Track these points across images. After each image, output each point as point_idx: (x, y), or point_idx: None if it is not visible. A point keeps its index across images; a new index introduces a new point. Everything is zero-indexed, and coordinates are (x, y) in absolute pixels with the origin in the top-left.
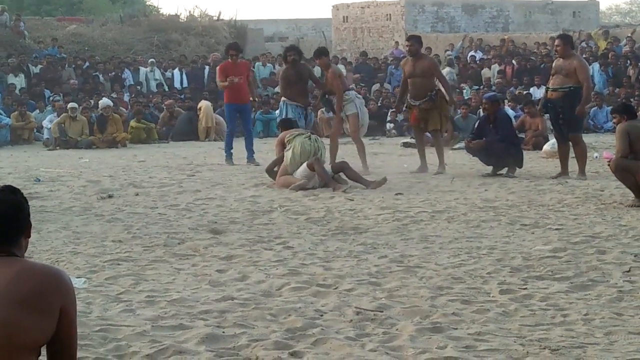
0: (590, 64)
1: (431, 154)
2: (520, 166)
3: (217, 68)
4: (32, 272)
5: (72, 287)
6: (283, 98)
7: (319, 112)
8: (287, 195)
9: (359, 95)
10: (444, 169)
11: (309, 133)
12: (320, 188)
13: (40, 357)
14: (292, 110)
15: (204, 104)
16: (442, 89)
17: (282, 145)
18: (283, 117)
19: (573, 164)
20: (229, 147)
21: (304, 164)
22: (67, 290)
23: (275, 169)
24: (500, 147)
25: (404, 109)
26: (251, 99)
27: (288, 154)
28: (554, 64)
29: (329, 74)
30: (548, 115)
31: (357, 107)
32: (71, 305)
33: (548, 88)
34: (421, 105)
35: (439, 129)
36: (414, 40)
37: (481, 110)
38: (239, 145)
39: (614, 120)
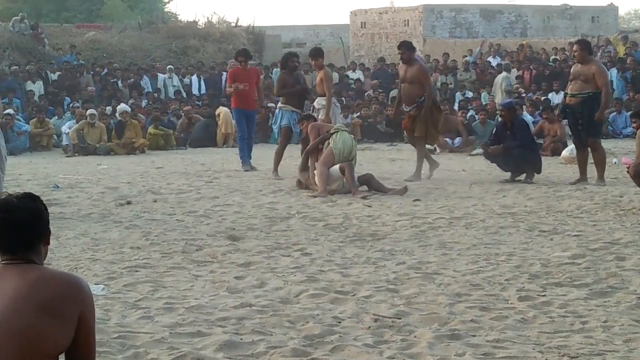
0: (609, 69)
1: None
2: (539, 172)
3: (227, 74)
4: (50, 280)
5: (90, 294)
6: (279, 104)
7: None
8: (305, 202)
9: (337, 104)
10: (418, 178)
11: (346, 129)
12: (341, 194)
13: None
14: (288, 116)
15: (222, 110)
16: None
17: (318, 133)
18: (279, 123)
19: (592, 170)
20: (243, 152)
21: (336, 166)
22: (86, 298)
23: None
24: (518, 153)
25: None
26: (259, 105)
27: (338, 145)
28: (572, 70)
29: (322, 74)
30: (566, 120)
31: (333, 114)
32: (90, 313)
33: (567, 94)
34: (410, 112)
35: (424, 137)
36: (405, 48)
37: (498, 116)
38: (258, 151)
39: (634, 125)
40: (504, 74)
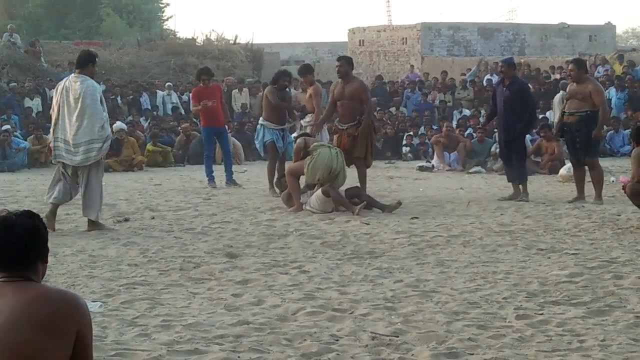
0: (606, 88)
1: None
2: (522, 182)
3: (191, 94)
4: (48, 297)
5: (88, 311)
6: (260, 121)
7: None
8: (302, 219)
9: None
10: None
11: (333, 146)
12: (335, 212)
13: None
14: (270, 133)
15: None
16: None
17: (300, 154)
18: (261, 139)
19: (590, 189)
20: (209, 169)
21: (319, 191)
22: (83, 315)
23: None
24: (511, 156)
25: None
26: (227, 121)
27: (308, 161)
28: (568, 89)
29: (311, 90)
30: (564, 139)
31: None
32: (87, 330)
33: (564, 112)
34: (348, 130)
35: (364, 158)
36: (344, 61)
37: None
38: (255, 168)
39: (632, 145)
40: (561, 93)
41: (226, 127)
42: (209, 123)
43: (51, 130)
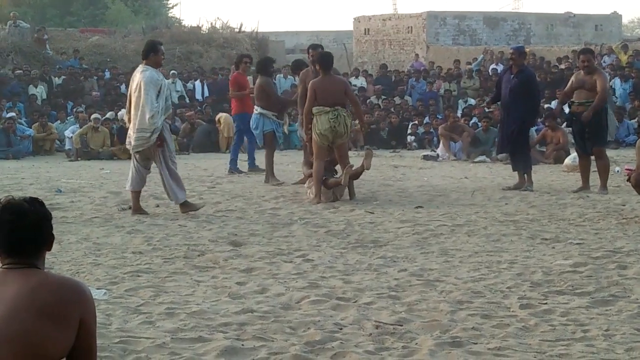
0: (612, 78)
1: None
2: (527, 171)
3: (231, 79)
4: (52, 285)
5: (92, 299)
6: (259, 110)
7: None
8: (307, 208)
9: None
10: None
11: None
12: (339, 201)
13: None
14: (270, 123)
15: (222, 116)
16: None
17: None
18: (261, 129)
19: (594, 178)
20: (252, 158)
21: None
22: (87, 303)
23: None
24: (511, 143)
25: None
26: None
27: (314, 135)
28: (575, 78)
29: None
30: (570, 128)
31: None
32: (91, 317)
33: (573, 102)
34: None
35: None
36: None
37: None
38: (259, 156)
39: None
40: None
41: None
42: (248, 110)
43: (125, 119)
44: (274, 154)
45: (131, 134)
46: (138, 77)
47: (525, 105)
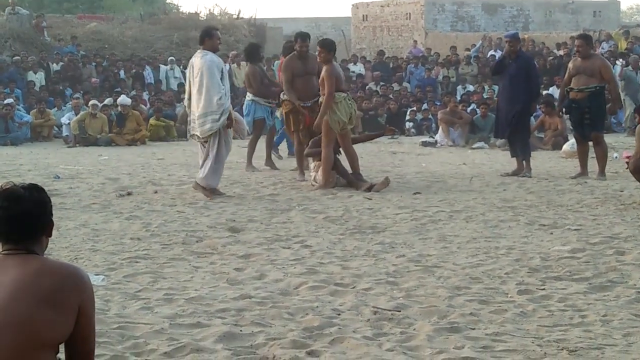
0: (612, 65)
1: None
2: (525, 157)
3: (280, 66)
4: (50, 271)
5: (90, 285)
6: (251, 97)
7: None
8: (305, 194)
9: None
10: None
11: (347, 95)
12: (338, 187)
13: (58, 354)
14: (262, 110)
15: None
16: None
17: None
18: (252, 115)
19: (593, 165)
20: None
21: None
22: (85, 289)
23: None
24: (510, 129)
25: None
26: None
27: (334, 117)
28: (572, 64)
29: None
30: (568, 115)
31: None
32: (89, 303)
33: (571, 89)
34: (312, 106)
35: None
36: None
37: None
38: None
39: (637, 120)
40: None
41: None
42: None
43: (185, 105)
44: (257, 141)
45: (195, 121)
46: (198, 62)
47: (525, 91)
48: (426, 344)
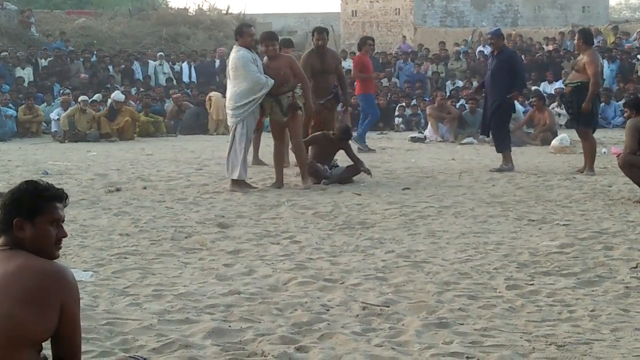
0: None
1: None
2: (503, 150)
3: (356, 61)
4: (32, 269)
5: (74, 283)
6: None
7: None
8: (294, 190)
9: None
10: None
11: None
12: (332, 182)
13: (42, 351)
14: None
15: (214, 95)
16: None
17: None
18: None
19: (581, 160)
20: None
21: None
22: (69, 287)
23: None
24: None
25: None
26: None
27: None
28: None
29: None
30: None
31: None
32: (73, 302)
33: (566, 84)
34: (326, 104)
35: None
36: (327, 34)
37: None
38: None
39: (625, 115)
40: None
41: None
42: (371, 90)
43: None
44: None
45: (229, 112)
46: (232, 56)
47: (508, 84)
48: (415, 339)
